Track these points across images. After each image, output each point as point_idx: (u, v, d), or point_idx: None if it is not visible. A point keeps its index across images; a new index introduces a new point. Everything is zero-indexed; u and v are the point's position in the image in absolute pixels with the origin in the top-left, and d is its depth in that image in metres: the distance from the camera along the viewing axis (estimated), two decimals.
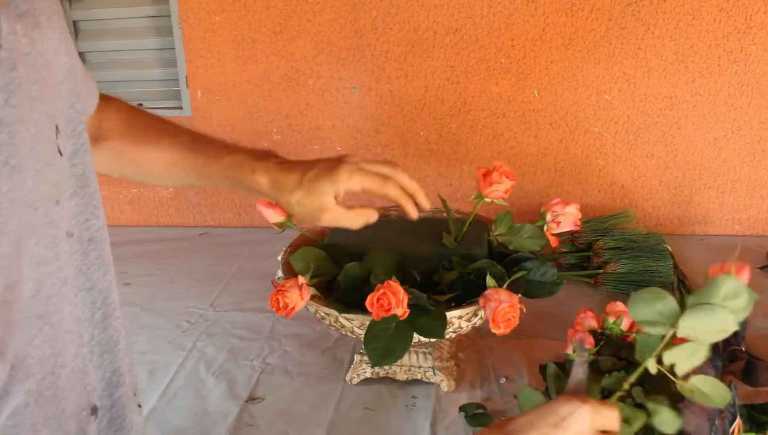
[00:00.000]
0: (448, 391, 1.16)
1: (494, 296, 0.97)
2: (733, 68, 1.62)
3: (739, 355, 1.16)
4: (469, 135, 1.79)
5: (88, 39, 1.95)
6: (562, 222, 1.09)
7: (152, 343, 1.38)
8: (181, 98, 1.91)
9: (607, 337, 1.13)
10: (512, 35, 1.68)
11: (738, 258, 0.71)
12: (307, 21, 1.74)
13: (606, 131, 1.73)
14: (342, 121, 1.83)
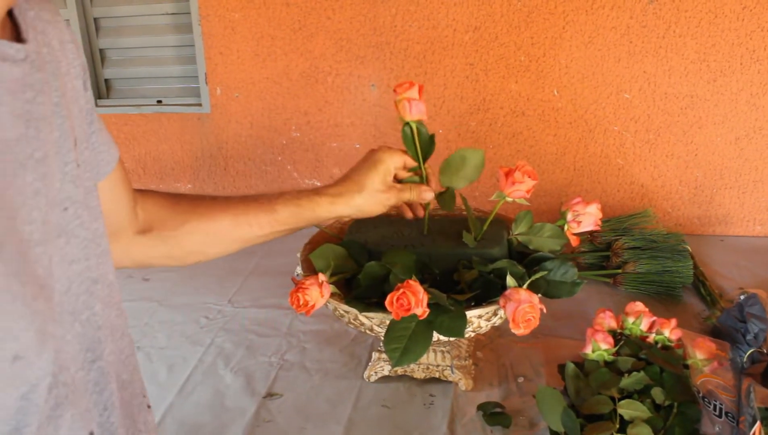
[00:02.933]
0: (466, 390, 1.16)
1: (514, 296, 0.96)
2: (755, 67, 1.60)
3: (759, 358, 1.15)
4: (488, 133, 1.78)
5: (108, 36, 1.97)
6: (583, 221, 1.08)
7: (171, 338, 1.39)
8: (200, 95, 1.92)
9: (626, 337, 1.12)
10: (532, 33, 1.67)
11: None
12: (327, 18, 1.75)
13: (626, 130, 1.72)
14: (360, 119, 1.84)
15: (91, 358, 0.58)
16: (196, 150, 1.98)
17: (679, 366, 1.05)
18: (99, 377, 0.59)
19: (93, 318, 0.59)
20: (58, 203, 0.54)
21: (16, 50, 0.50)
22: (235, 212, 0.92)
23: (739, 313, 1.23)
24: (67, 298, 0.55)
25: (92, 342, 0.59)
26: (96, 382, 0.59)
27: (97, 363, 0.59)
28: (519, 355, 1.26)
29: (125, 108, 1.98)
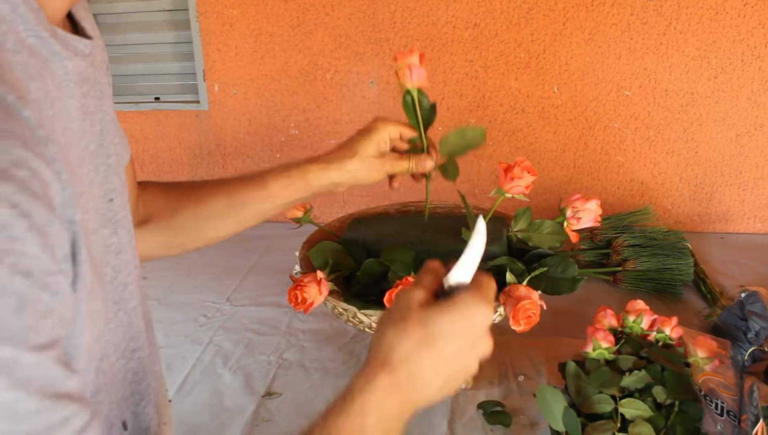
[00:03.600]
0: (466, 389, 1.15)
1: (514, 293, 0.96)
2: (757, 64, 1.60)
3: (760, 356, 1.14)
4: (487, 130, 1.76)
5: (106, 33, 1.95)
6: (582, 218, 1.08)
7: (169, 337, 1.38)
8: (198, 92, 1.91)
9: (627, 335, 1.12)
10: (532, 30, 1.66)
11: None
12: (326, 15, 1.74)
13: (626, 127, 1.71)
14: (360, 116, 1.83)
15: (132, 348, 0.59)
16: (194, 147, 1.97)
17: (681, 364, 1.05)
18: (138, 367, 0.60)
19: (138, 308, 0.60)
20: (103, 194, 0.56)
21: (85, 45, 0.52)
22: (228, 193, 0.90)
23: (740, 311, 1.23)
24: (113, 287, 0.56)
25: (136, 332, 0.60)
26: (135, 371, 0.59)
27: (137, 353, 0.60)
28: (519, 353, 1.25)
29: (123, 105, 1.97)
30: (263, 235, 1.83)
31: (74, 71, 0.50)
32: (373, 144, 0.92)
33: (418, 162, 0.96)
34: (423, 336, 0.58)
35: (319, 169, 0.91)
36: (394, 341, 0.59)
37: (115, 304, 0.57)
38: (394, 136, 0.96)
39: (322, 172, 0.91)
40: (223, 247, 0.95)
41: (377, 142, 0.93)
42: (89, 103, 0.53)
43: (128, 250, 0.59)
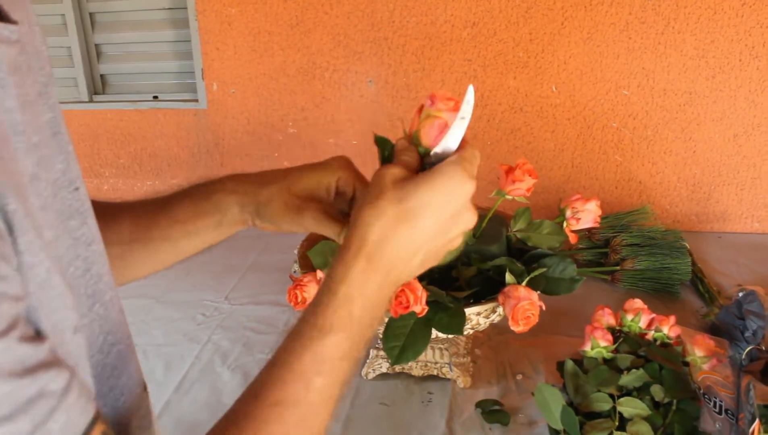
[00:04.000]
0: (465, 388, 1.15)
1: (513, 293, 0.96)
2: (755, 63, 1.60)
3: (758, 355, 1.15)
4: (485, 129, 1.78)
5: (104, 31, 1.95)
6: (582, 218, 1.08)
7: (167, 335, 1.38)
8: (196, 91, 1.91)
9: (625, 334, 1.12)
10: (530, 29, 1.66)
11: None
12: (324, 14, 1.74)
13: (624, 127, 1.72)
14: (358, 115, 1.83)
15: (110, 342, 0.56)
16: (192, 146, 1.97)
17: (679, 363, 1.05)
18: (117, 361, 0.57)
19: (115, 299, 0.57)
20: (66, 185, 0.52)
21: (11, 31, 0.48)
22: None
23: (738, 310, 1.23)
24: (86, 280, 0.53)
25: (113, 325, 0.57)
26: (114, 366, 0.57)
27: (116, 347, 0.57)
28: (517, 352, 1.25)
29: (121, 103, 1.97)
30: (261, 234, 1.82)
31: (5, 60, 0.47)
32: (310, 181, 0.72)
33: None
34: (399, 212, 0.57)
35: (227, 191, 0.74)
36: (370, 220, 0.57)
37: (90, 298, 0.54)
38: (343, 186, 0.73)
39: (228, 195, 0.74)
40: (221, 245, 0.94)
41: (318, 181, 0.72)
42: (29, 92, 0.49)
43: (100, 241, 0.56)
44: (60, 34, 1.93)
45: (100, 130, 2.00)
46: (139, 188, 2.04)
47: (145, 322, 1.43)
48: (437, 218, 0.57)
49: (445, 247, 0.61)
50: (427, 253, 0.59)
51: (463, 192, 0.58)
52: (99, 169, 2.05)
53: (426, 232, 0.58)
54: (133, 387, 0.60)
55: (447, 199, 0.57)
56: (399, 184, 0.58)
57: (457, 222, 0.59)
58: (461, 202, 0.58)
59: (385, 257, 0.57)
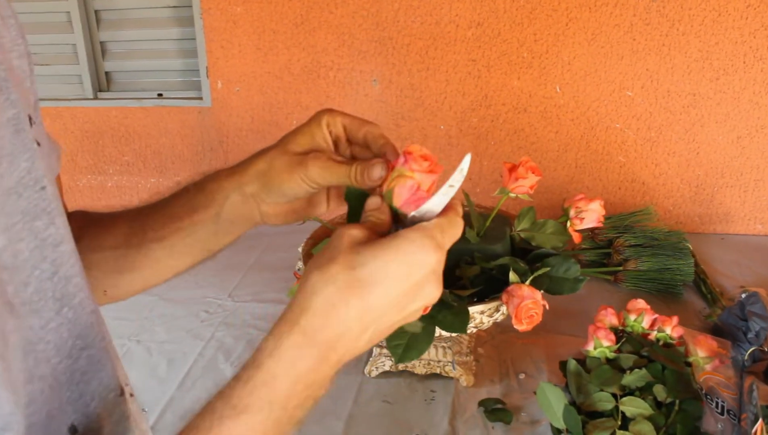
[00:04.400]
0: (467, 386, 1.16)
1: (517, 292, 0.96)
2: (759, 66, 1.60)
3: (760, 356, 1.15)
4: (489, 129, 1.78)
5: (109, 29, 1.96)
6: (585, 218, 1.08)
7: (171, 332, 1.38)
8: (201, 89, 1.92)
9: (628, 334, 1.12)
10: (535, 30, 1.67)
11: None
12: (329, 13, 1.74)
13: (628, 128, 1.72)
14: (362, 114, 1.81)
15: (80, 346, 0.54)
16: (196, 144, 1.97)
17: (681, 363, 1.05)
18: (87, 366, 0.55)
19: (86, 301, 0.55)
20: (32, 184, 0.50)
21: None
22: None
23: (741, 312, 1.23)
24: (53, 283, 0.51)
25: (83, 328, 0.54)
26: (84, 371, 0.54)
27: (86, 351, 0.54)
28: (520, 351, 1.26)
29: (126, 101, 1.98)
30: (265, 232, 1.83)
31: None
32: (304, 137, 0.65)
33: (363, 170, 0.60)
34: (350, 280, 0.49)
35: (225, 177, 0.69)
36: (316, 287, 0.50)
37: (57, 301, 0.51)
38: (335, 130, 0.67)
39: (227, 181, 0.68)
40: None
41: (311, 135, 0.65)
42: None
43: (69, 240, 0.53)
44: (65, 32, 1.93)
45: (105, 127, 2.00)
46: (143, 186, 2.05)
47: (148, 319, 1.43)
48: (394, 291, 0.50)
49: (400, 323, 0.53)
50: (378, 330, 0.52)
51: (427, 263, 0.51)
52: (103, 166, 2.05)
53: (379, 306, 0.50)
54: (105, 392, 0.57)
55: (407, 270, 0.50)
56: (356, 248, 0.51)
57: (416, 296, 0.52)
58: (423, 273, 0.51)
59: (327, 332, 0.50)
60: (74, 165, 2.05)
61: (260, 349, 0.49)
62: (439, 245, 0.51)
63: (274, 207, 0.68)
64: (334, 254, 0.50)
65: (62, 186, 0.70)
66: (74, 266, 0.54)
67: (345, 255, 0.50)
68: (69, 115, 2.00)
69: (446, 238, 0.52)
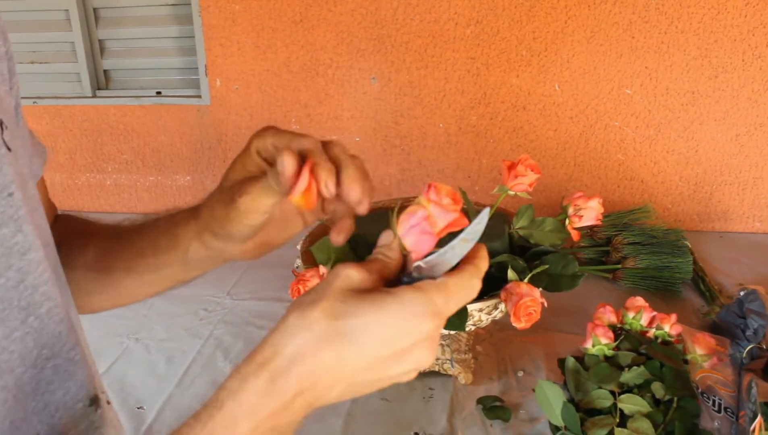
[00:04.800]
0: (466, 384, 1.16)
1: (516, 290, 0.96)
2: (757, 63, 1.60)
3: (759, 353, 1.15)
4: (488, 127, 1.78)
5: (108, 27, 1.96)
6: (584, 216, 1.08)
7: (169, 330, 1.38)
8: (200, 87, 1.91)
9: (626, 332, 1.12)
10: (534, 27, 1.67)
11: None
12: (328, 11, 1.74)
13: (626, 126, 1.72)
14: (361, 112, 1.83)
15: (46, 356, 0.53)
16: (195, 142, 1.97)
17: (679, 361, 1.05)
18: (53, 376, 0.54)
19: (55, 310, 0.53)
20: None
21: None
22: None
23: (739, 309, 1.23)
24: (18, 292, 0.50)
25: (50, 337, 0.53)
26: (49, 381, 0.53)
27: (52, 361, 0.53)
28: (518, 349, 1.26)
29: (124, 99, 1.97)
30: None
31: None
32: (235, 171, 0.59)
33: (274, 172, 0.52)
34: (329, 330, 0.45)
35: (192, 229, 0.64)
36: (292, 330, 0.45)
37: (23, 311, 0.50)
38: (266, 152, 0.57)
39: (182, 227, 0.65)
40: None
41: (242, 165, 0.58)
42: None
43: (38, 248, 0.51)
44: (64, 29, 1.93)
45: (104, 125, 2.00)
46: (142, 184, 2.05)
47: (147, 317, 1.43)
48: (372, 354, 0.46)
49: (382, 383, 0.48)
50: (353, 386, 0.48)
51: (419, 332, 0.45)
52: (102, 164, 2.05)
53: (353, 366, 0.46)
54: (72, 402, 0.56)
55: (394, 335, 0.45)
56: (345, 295, 0.46)
57: (401, 361, 0.47)
58: (413, 340, 0.46)
59: (296, 380, 0.45)
60: (73, 163, 2.05)
61: (224, 387, 0.46)
62: (437, 313, 0.46)
63: (237, 247, 0.62)
64: (319, 296, 0.46)
65: (58, 186, 0.69)
66: (42, 275, 0.52)
67: (330, 301, 0.45)
68: (68, 113, 2.00)
69: (450, 303, 0.46)
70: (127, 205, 2.08)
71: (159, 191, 2.05)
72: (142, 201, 2.07)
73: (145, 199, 2.06)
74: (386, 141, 1.84)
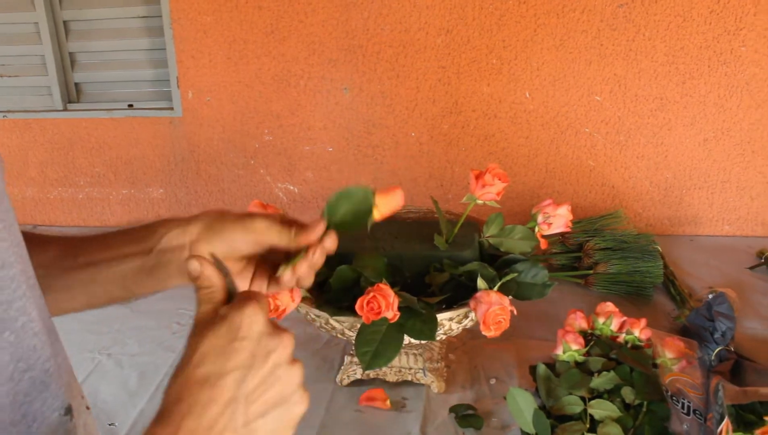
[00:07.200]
0: (439, 393, 1.16)
1: (485, 298, 0.97)
2: (723, 69, 1.63)
3: (727, 356, 1.17)
4: (460, 136, 1.79)
5: (79, 39, 1.95)
6: (553, 223, 1.09)
7: (142, 345, 1.37)
8: (171, 99, 1.91)
9: (597, 337, 1.13)
10: (504, 36, 1.68)
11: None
12: (299, 22, 1.74)
13: (597, 132, 1.74)
14: (333, 122, 1.83)
15: (22, 368, 0.53)
16: (168, 154, 1.96)
17: (649, 365, 1.07)
18: (30, 388, 0.54)
19: (30, 324, 0.54)
20: None
21: None
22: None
23: (708, 312, 1.25)
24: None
25: (26, 351, 0.54)
26: (26, 393, 0.54)
27: (28, 373, 0.54)
28: (491, 356, 1.26)
29: (96, 112, 1.96)
30: None
31: None
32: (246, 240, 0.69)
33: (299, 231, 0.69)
34: (196, 373, 0.50)
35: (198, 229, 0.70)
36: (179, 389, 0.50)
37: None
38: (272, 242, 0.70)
39: (170, 221, 0.71)
40: None
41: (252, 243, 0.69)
42: None
43: (13, 263, 0.52)
44: (33, 42, 1.92)
45: (75, 138, 1.99)
46: (115, 197, 2.03)
47: (120, 331, 1.42)
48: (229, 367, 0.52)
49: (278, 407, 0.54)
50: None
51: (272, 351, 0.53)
52: (74, 178, 2.03)
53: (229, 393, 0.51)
54: (49, 412, 0.57)
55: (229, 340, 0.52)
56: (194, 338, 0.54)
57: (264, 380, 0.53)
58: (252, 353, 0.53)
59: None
60: (44, 177, 2.03)
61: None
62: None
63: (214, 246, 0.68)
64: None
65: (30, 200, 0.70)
66: (16, 291, 0.53)
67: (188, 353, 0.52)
68: (38, 127, 1.99)
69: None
70: (99, 218, 2.07)
71: (132, 204, 2.03)
72: (115, 214, 2.05)
73: (118, 212, 2.05)
74: (359, 150, 1.84)
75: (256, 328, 0.53)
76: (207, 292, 0.57)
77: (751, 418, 0.94)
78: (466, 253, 1.09)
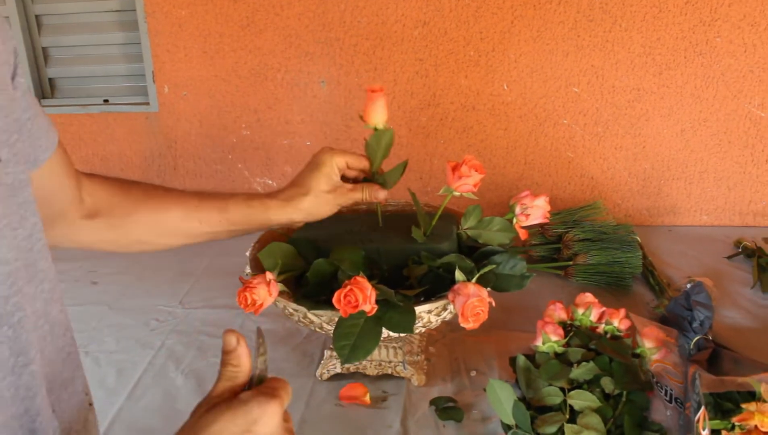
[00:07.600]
0: (419, 386, 1.16)
1: (463, 290, 0.96)
2: (699, 60, 1.63)
3: (705, 344, 1.17)
4: (438, 128, 1.79)
5: (51, 34, 1.92)
6: (531, 214, 1.09)
7: (120, 342, 1.36)
8: (147, 94, 1.89)
9: (576, 328, 1.14)
10: (481, 28, 1.68)
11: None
12: (275, 15, 1.73)
13: (575, 123, 1.74)
14: (311, 116, 1.82)
15: (22, 363, 0.55)
16: (144, 150, 1.94)
17: (628, 355, 1.07)
18: (31, 382, 0.56)
19: (26, 320, 0.56)
20: None
21: None
22: (187, 207, 0.93)
23: (686, 302, 1.26)
24: None
25: (24, 345, 0.55)
26: (28, 387, 0.56)
27: (29, 367, 0.56)
28: (471, 349, 1.26)
29: (71, 108, 1.94)
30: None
31: None
32: (324, 178, 0.98)
33: (371, 192, 1.03)
34: None
35: (277, 207, 0.96)
36: None
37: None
38: (341, 166, 1.01)
39: (280, 209, 0.97)
40: (175, 249, 0.95)
41: (328, 175, 0.98)
42: None
43: (11, 260, 0.54)
44: None
45: None
46: None
47: (97, 329, 1.41)
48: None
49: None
50: None
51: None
52: None
53: None
54: (53, 406, 0.59)
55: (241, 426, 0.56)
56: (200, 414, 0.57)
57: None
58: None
59: None
60: None
61: None
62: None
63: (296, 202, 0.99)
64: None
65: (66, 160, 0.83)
66: (12, 286, 0.54)
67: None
68: None
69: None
70: None
71: None
72: None
73: None
74: (337, 144, 1.83)
75: (271, 425, 0.57)
76: (232, 370, 0.59)
77: (729, 407, 0.94)
78: (444, 245, 1.08)
